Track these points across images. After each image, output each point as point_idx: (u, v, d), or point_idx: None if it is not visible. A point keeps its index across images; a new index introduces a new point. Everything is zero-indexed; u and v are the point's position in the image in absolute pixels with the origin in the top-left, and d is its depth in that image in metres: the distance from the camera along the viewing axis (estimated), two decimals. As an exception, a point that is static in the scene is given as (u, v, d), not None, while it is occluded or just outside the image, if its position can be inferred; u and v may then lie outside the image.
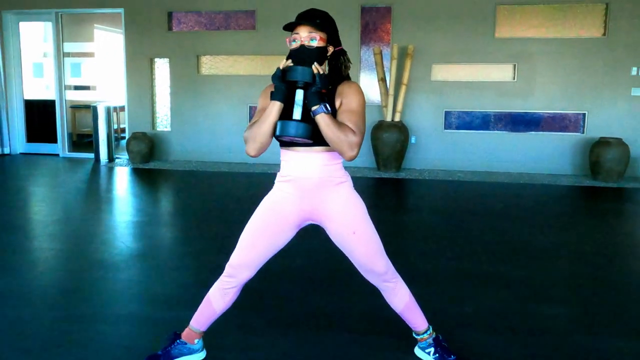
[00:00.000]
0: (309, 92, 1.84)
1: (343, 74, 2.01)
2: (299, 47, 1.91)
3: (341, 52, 2.02)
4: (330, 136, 1.83)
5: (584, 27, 6.78)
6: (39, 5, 7.88)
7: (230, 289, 2.07)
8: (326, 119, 1.82)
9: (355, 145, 1.84)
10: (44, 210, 4.98)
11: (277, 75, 1.89)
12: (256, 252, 2.02)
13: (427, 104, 7.14)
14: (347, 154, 1.85)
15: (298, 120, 1.84)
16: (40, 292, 2.96)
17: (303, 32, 1.91)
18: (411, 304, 2.16)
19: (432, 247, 3.83)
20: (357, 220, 2.00)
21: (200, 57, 7.65)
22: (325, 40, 1.94)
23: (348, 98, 1.92)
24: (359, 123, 1.89)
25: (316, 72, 1.84)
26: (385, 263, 2.06)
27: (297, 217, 2.03)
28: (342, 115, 1.90)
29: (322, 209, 2.00)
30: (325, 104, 1.84)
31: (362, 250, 2.01)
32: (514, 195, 5.76)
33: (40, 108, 8.41)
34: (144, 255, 3.64)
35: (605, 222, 4.83)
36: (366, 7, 7.18)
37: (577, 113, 6.90)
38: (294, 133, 1.83)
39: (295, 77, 1.83)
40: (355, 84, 1.98)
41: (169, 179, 6.62)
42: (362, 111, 1.92)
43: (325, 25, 1.93)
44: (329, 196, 1.99)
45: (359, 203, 2.04)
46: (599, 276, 3.31)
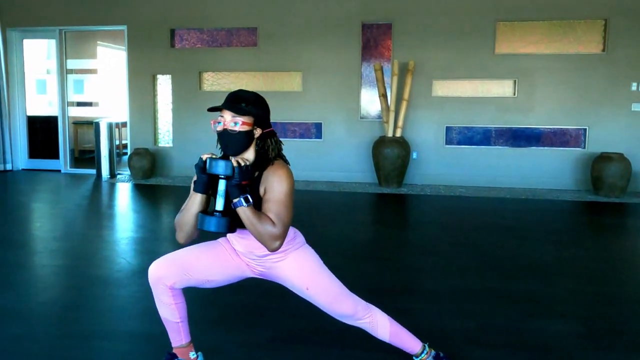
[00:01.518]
0: (228, 184, 1.82)
1: (270, 157, 1.94)
2: (222, 130, 1.88)
3: (269, 134, 1.96)
4: (251, 229, 1.84)
5: (583, 43, 6.83)
6: (43, 23, 7.96)
7: (164, 295, 2.01)
8: (246, 212, 1.81)
9: (276, 237, 1.83)
10: (46, 226, 4.98)
11: (199, 165, 1.87)
12: (194, 264, 2.00)
13: (428, 119, 7.16)
14: (268, 246, 1.84)
15: (219, 211, 1.84)
16: (41, 309, 2.94)
17: (227, 115, 1.88)
18: (396, 330, 2.14)
19: (434, 263, 3.81)
20: (307, 278, 2.03)
21: (202, 74, 7.71)
22: (251, 124, 1.89)
23: (271, 186, 1.87)
24: (281, 213, 1.85)
25: (236, 166, 1.80)
26: (350, 304, 2.06)
27: (246, 270, 2.11)
28: (265, 205, 1.87)
29: (271, 274, 2.08)
30: (245, 196, 1.81)
31: (321, 300, 2.05)
32: (516, 210, 5.74)
33: (42, 124, 8.45)
34: (145, 272, 3.60)
35: (608, 237, 4.81)
36: (367, 23, 7.25)
37: (578, 128, 6.91)
38: (214, 229, 1.83)
39: (215, 170, 1.81)
40: (282, 169, 1.90)
41: (171, 195, 6.62)
42: (286, 199, 1.86)
43: (250, 108, 1.89)
44: (276, 264, 2.04)
45: (307, 260, 2.05)
46: (602, 292, 3.29)
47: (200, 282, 2.04)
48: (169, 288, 2.00)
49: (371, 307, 2.11)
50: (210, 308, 2.10)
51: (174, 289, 2.01)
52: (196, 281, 2.03)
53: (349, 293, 2.07)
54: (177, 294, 2.03)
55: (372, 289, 3.13)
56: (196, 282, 2.03)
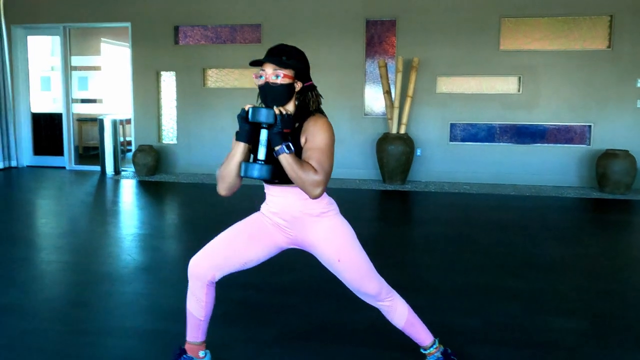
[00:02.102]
0: (271, 132, 1.84)
1: (311, 109, 1.97)
2: (264, 84, 1.91)
3: (310, 88, 1.99)
4: (293, 176, 1.83)
5: (588, 39, 6.79)
6: (47, 19, 7.97)
7: (200, 290, 2.03)
8: (288, 159, 1.81)
9: (318, 184, 1.83)
10: (51, 223, 4.99)
11: (242, 115, 1.88)
12: (231, 252, 2.02)
13: (433, 116, 7.15)
14: (310, 193, 1.84)
15: (262, 160, 1.85)
16: (46, 305, 2.95)
17: (268, 69, 1.90)
18: (412, 319, 2.14)
19: (439, 260, 3.81)
20: (341, 248, 2.01)
21: (206, 71, 7.71)
22: (292, 77, 1.91)
23: (313, 135, 1.89)
24: (322, 161, 1.85)
25: (278, 113, 1.82)
26: (376, 285, 2.05)
27: (281, 240, 2.07)
28: (306, 153, 1.88)
29: (304, 238, 2.03)
30: (287, 143, 1.82)
31: (350, 275, 2.02)
32: (521, 207, 5.73)
33: (47, 121, 8.47)
34: (150, 268, 3.64)
35: (613, 234, 4.79)
36: (371, 20, 7.23)
37: (583, 125, 6.89)
38: (257, 175, 1.84)
39: (257, 118, 1.83)
40: (322, 120, 1.93)
41: (175, 191, 6.63)
42: (326, 148, 1.88)
43: (291, 62, 1.91)
44: (310, 227, 2.01)
45: (344, 230, 2.04)
46: (607, 289, 3.28)
47: (238, 268, 2.06)
48: (207, 284, 2.03)
49: (393, 292, 2.12)
50: (218, 304, 2.11)
51: (212, 283, 2.04)
52: (235, 267, 2.05)
53: (376, 273, 2.06)
54: (211, 292, 2.06)
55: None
56: (235, 268, 2.05)
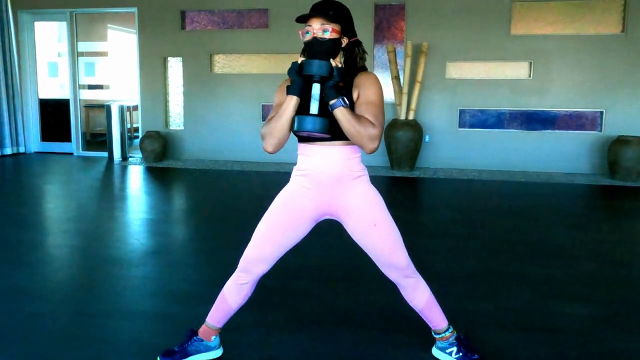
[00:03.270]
0: (326, 85, 1.80)
1: (358, 66, 1.97)
2: (312, 39, 1.87)
3: (356, 43, 1.98)
4: (350, 130, 1.79)
5: (601, 23, 6.67)
6: (54, 5, 7.93)
7: (245, 284, 2.03)
8: (345, 113, 1.78)
9: (376, 137, 1.81)
10: (59, 208, 5.00)
11: (294, 69, 1.84)
12: (271, 245, 1.99)
13: (442, 102, 7.07)
14: (367, 146, 1.81)
15: (315, 114, 1.80)
16: (55, 288, 2.95)
17: (316, 24, 1.87)
18: (431, 302, 2.11)
19: (449, 246, 3.78)
20: (376, 213, 1.97)
21: (213, 56, 7.65)
22: (339, 32, 1.90)
23: (365, 90, 1.88)
24: (377, 115, 1.84)
25: (334, 66, 1.79)
26: (406, 257, 2.02)
27: (314, 212, 1.99)
28: (360, 107, 1.86)
29: (340, 203, 1.96)
30: (342, 97, 1.79)
31: (383, 243, 1.98)
32: (531, 194, 5.67)
33: (54, 107, 8.46)
34: (158, 252, 3.63)
35: (624, 221, 4.73)
36: (380, 4, 7.13)
37: (595, 111, 6.79)
38: (311, 128, 1.79)
39: (311, 71, 1.78)
40: (373, 75, 1.94)
41: (182, 177, 6.62)
42: (380, 102, 1.88)
43: (338, 16, 1.89)
44: (347, 190, 1.95)
45: (378, 196, 2.00)
46: (619, 275, 3.24)
47: (284, 253, 2.04)
48: (256, 280, 2.04)
49: (417, 272, 2.09)
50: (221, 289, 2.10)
51: (258, 280, 2.05)
52: (280, 256, 2.03)
53: (405, 248, 2.03)
54: (253, 287, 2.06)
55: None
56: (280, 256, 2.04)
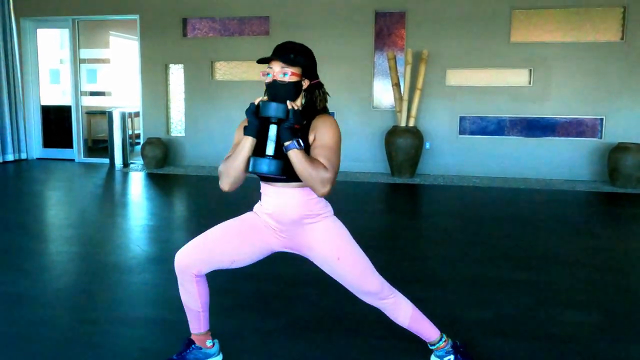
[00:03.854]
0: (281, 127, 1.81)
1: (318, 108, 1.96)
2: (272, 82, 1.89)
3: (317, 86, 1.97)
4: (302, 172, 1.80)
5: (600, 31, 6.70)
6: (56, 12, 7.98)
7: (189, 283, 2.00)
8: (298, 155, 1.79)
9: (328, 181, 1.81)
10: (60, 214, 5.01)
11: (251, 110, 1.86)
12: (217, 248, 1.99)
13: (442, 109, 7.10)
14: (319, 190, 1.82)
15: (270, 156, 1.82)
16: (56, 295, 2.96)
17: (276, 66, 1.88)
18: (417, 316, 2.10)
19: (449, 252, 3.78)
20: (339, 247, 1.99)
21: (215, 63, 7.69)
22: (300, 75, 1.90)
23: (321, 133, 1.87)
24: (332, 158, 1.84)
25: (290, 108, 1.80)
26: (377, 282, 2.02)
27: (273, 243, 2.04)
28: (315, 150, 1.86)
29: (302, 242, 2.00)
30: (297, 139, 1.80)
31: (351, 274, 2.00)
32: (531, 201, 5.68)
33: (56, 114, 8.50)
34: (159, 259, 3.64)
35: (624, 228, 4.74)
36: (380, 12, 7.17)
37: (595, 118, 6.81)
38: (265, 170, 1.81)
39: (268, 113, 1.80)
40: (330, 118, 1.93)
41: (183, 184, 6.64)
42: (335, 146, 1.87)
43: (299, 59, 1.90)
44: (309, 230, 1.98)
45: (340, 230, 2.02)
46: (619, 282, 3.24)
47: (226, 264, 2.03)
48: (195, 276, 2.00)
49: (395, 290, 2.09)
50: (227, 295, 2.11)
51: (200, 276, 2.01)
52: (222, 263, 2.02)
53: (376, 271, 2.04)
54: (201, 282, 2.03)
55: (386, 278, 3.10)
56: (222, 264, 2.02)
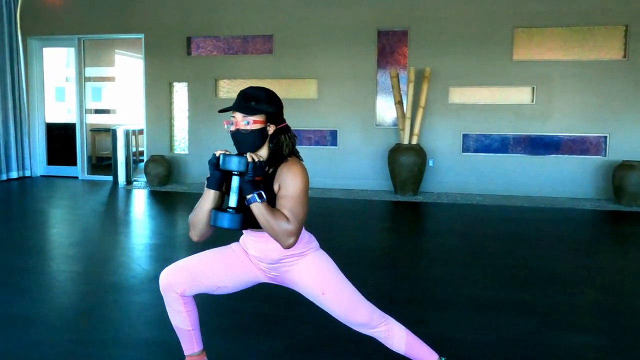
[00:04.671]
0: (242, 180, 1.80)
1: (284, 153, 1.91)
2: (235, 131, 1.88)
3: (284, 130, 1.92)
4: (265, 225, 1.81)
5: (603, 49, 6.72)
6: (62, 31, 8.08)
7: (176, 303, 1.99)
8: (260, 208, 1.79)
9: (291, 233, 1.80)
10: (63, 232, 5.01)
11: (213, 162, 1.85)
12: (201, 271, 1.99)
13: (445, 127, 7.10)
14: (283, 243, 1.81)
15: (233, 208, 1.82)
16: (56, 315, 2.95)
17: (238, 115, 1.87)
18: (412, 341, 2.07)
19: (451, 272, 3.75)
20: (323, 281, 1.98)
21: (218, 81, 7.75)
22: (263, 122, 1.87)
23: (286, 183, 1.84)
24: (295, 209, 1.82)
25: (250, 161, 1.79)
26: (366, 312, 2.00)
27: (260, 275, 2.06)
28: (279, 201, 1.85)
29: (286, 278, 2.02)
30: (259, 192, 1.79)
31: (337, 307, 1.99)
32: (535, 219, 5.65)
33: (61, 131, 8.55)
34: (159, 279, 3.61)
35: (629, 247, 4.69)
36: (383, 30, 7.22)
37: (599, 136, 6.79)
38: (226, 225, 1.81)
39: (228, 166, 1.80)
40: (296, 165, 1.87)
41: (187, 201, 6.64)
42: (300, 196, 1.84)
43: (261, 106, 1.87)
44: (291, 268, 1.99)
45: (324, 263, 2.01)
46: (626, 303, 3.20)
47: (210, 289, 2.02)
48: (180, 295, 1.99)
49: (387, 316, 2.06)
50: (224, 316, 2.08)
51: (185, 296, 2.00)
52: (206, 288, 2.01)
53: (364, 300, 2.02)
54: (188, 301, 2.02)
55: (387, 298, 3.08)
56: (206, 288, 2.01)
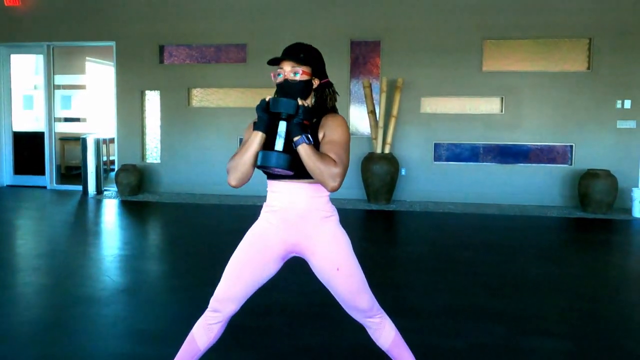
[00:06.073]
0: (291, 123, 1.84)
1: (328, 106, 2.01)
2: (283, 81, 1.93)
3: (327, 85, 2.02)
4: (312, 167, 1.82)
5: (568, 61, 6.93)
6: (31, 38, 7.93)
7: (215, 324, 2.00)
8: (307, 150, 1.81)
9: (337, 175, 1.83)
10: (29, 244, 4.89)
11: (262, 106, 1.89)
12: (241, 284, 1.97)
13: (417, 136, 7.20)
14: (329, 184, 1.83)
15: (279, 151, 1.83)
16: (21, 329, 2.87)
17: (287, 66, 1.93)
18: (398, 341, 2.10)
19: (423, 281, 3.79)
20: (341, 257, 1.97)
21: (191, 90, 7.70)
22: (310, 74, 1.95)
23: (331, 130, 1.91)
24: (341, 154, 1.87)
25: (300, 104, 1.84)
26: (369, 299, 2.02)
27: (281, 248, 2.01)
28: (324, 146, 1.89)
29: (306, 242, 1.98)
30: (307, 134, 1.83)
31: (345, 287, 1.98)
32: (505, 227, 5.75)
33: (29, 140, 8.36)
34: (129, 290, 3.56)
35: (595, 254, 4.82)
36: (356, 41, 7.30)
37: (565, 145, 6.98)
38: (274, 164, 1.81)
39: (278, 108, 1.83)
40: (340, 117, 1.97)
41: (158, 211, 6.56)
42: (344, 143, 1.90)
43: (309, 59, 1.95)
44: (314, 230, 1.97)
45: (344, 239, 2.01)
46: (590, 309, 3.28)
47: (253, 291, 2.01)
48: (226, 320, 2.00)
49: (383, 311, 2.09)
50: (195, 328, 2.07)
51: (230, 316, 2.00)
52: (251, 294, 2.01)
53: (369, 288, 2.03)
54: (223, 326, 2.01)
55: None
56: (254, 289, 2.01)
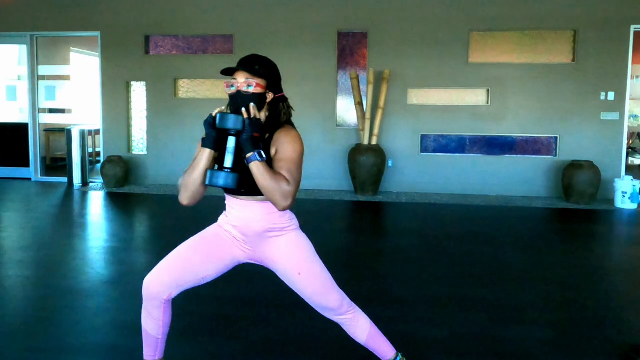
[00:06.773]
0: (241, 138, 1.80)
1: (281, 121, 1.96)
2: (236, 92, 1.89)
3: (281, 99, 1.98)
4: (264, 185, 1.79)
5: (553, 53, 6.97)
6: (14, 28, 7.81)
7: (155, 309, 1.97)
8: (260, 167, 1.78)
9: (289, 195, 1.80)
10: (13, 236, 4.85)
11: (209, 121, 1.85)
12: (187, 268, 1.95)
13: (404, 127, 7.22)
14: (280, 204, 1.81)
15: (229, 168, 1.80)
16: (5, 321, 2.85)
17: (240, 77, 1.89)
18: (374, 333, 2.11)
19: (408, 271, 3.82)
20: (301, 262, 1.98)
21: (178, 81, 7.64)
22: (264, 87, 1.91)
23: (283, 146, 1.87)
24: (293, 172, 1.84)
25: (246, 118, 1.80)
26: (337, 298, 2.02)
27: (238, 254, 2.03)
28: (277, 163, 1.86)
29: (265, 253, 2.00)
30: (259, 150, 1.79)
31: (311, 289, 1.99)
32: (490, 217, 5.81)
33: (12, 131, 8.26)
34: (114, 282, 3.55)
35: (578, 243, 4.89)
36: (343, 32, 7.28)
37: (550, 136, 7.04)
38: (222, 184, 1.78)
39: (225, 124, 1.78)
40: (293, 132, 1.92)
41: (144, 203, 6.52)
42: (297, 159, 1.87)
43: (264, 71, 1.91)
44: (272, 243, 1.98)
45: (304, 244, 2.02)
46: (572, 298, 3.34)
47: (196, 283, 1.99)
48: (165, 301, 1.95)
49: (355, 306, 2.09)
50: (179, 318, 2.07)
51: (169, 301, 1.97)
52: (192, 283, 1.98)
53: (336, 286, 2.04)
54: (167, 309, 1.99)
55: (345, 297, 3.11)
56: (193, 284, 1.99)
